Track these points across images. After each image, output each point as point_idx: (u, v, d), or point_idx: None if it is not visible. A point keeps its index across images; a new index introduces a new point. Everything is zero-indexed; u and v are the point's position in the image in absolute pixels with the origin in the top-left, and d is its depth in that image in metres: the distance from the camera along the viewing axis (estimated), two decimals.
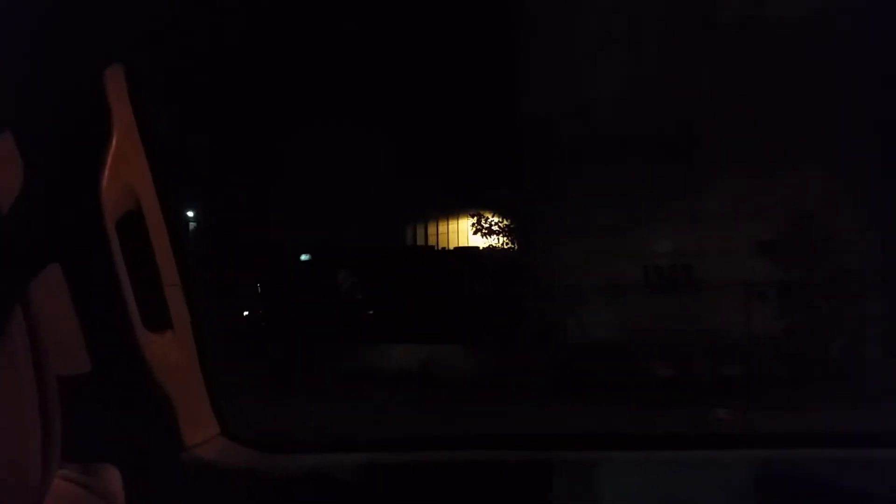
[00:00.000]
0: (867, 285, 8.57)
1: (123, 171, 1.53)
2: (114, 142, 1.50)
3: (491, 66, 9.86)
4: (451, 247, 13.14)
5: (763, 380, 7.86)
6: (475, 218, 12.09)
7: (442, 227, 13.62)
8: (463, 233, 13.08)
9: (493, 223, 11.94)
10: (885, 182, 8.62)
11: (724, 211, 9.05)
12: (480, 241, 12.12)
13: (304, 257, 11.99)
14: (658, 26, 9.67)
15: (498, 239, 11.93)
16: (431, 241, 13.67)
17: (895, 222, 8.53)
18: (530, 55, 9.87)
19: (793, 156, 8.81)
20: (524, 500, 1.79)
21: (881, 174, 8.65)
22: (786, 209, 8.96)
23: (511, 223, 11.78)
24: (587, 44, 9.87)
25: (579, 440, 2.00)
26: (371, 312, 10.70)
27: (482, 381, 8.28)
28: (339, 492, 1.76)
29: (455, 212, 13.17)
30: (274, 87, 9.74)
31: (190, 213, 10.37)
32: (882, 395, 6.85)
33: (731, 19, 9.15)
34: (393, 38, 9.74)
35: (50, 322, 1.34)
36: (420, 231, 13.74)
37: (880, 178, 8.67)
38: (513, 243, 11.74)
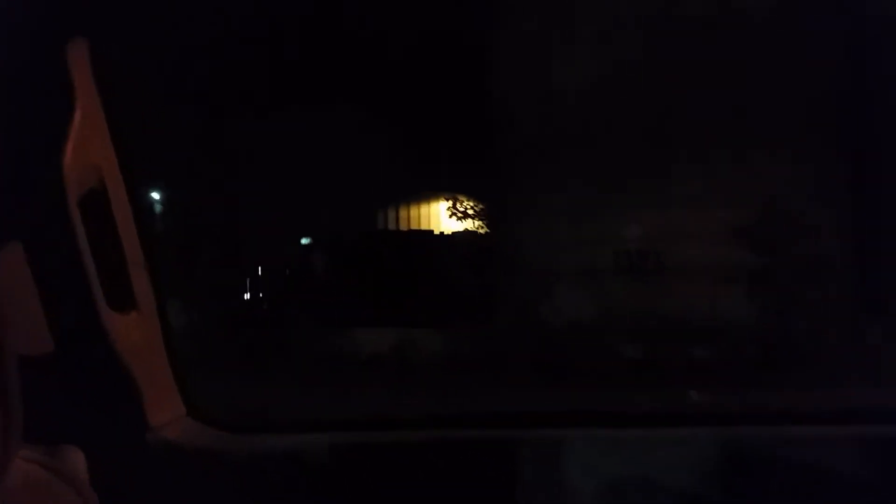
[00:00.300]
0: (836, 270, 8.69)
1: (87, 148, 1.50)
2: (77, 117, 1.47)
3: (463, 49, 9.83)
4: (424, 230, 13.11)
5: (735, 362, 7.96)
6: (450, 202, 12.06)
7: (414, 211, 13.60)
8: (436, 217, 13.06)
9: (468, 207, 11.91)
10: (855, 169, 8.74)
11: (698, 196, 9.11)
12: (454, 226, 12.10)
13: (304, 241, 11.90)
14: (628, 13, 9.68)
15: (473, 223, 11.91)
16: (403, 225, 13.64)
17: (865, 208, 8.64)
18: (502, 39, 9.85)
19: (764, 142, 8.88)
20: (498, 478, 1.79)
21: (852, 161, 8.76)
22: (757, 195, 9.03)
23: (486, 207, 11.76)
24: (559, 29, 9.86)
25: (552, 418, 2.01)
26: (346, 296, 10.65)
27: (456, 365, 8.31)
28: (307, 472, 1.76)
29: (429, 196, 13.13)
30: (244, 67, 9.63)
31: (157, 196, 10.25)
32: (848, 376, 6.95)
33: (703, 8, 9.19)
34: (364, 21, 9.67)
35: (11, 301, 1.32)
36: (392, 214, 13.70)
37: (851, 165, 8.78)
38: (489, 227, 11.73)
